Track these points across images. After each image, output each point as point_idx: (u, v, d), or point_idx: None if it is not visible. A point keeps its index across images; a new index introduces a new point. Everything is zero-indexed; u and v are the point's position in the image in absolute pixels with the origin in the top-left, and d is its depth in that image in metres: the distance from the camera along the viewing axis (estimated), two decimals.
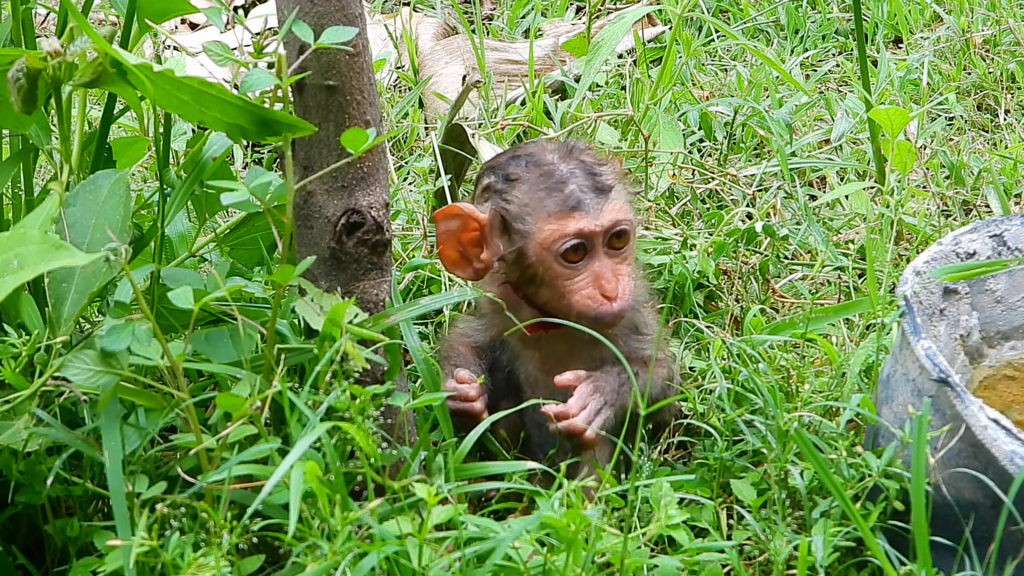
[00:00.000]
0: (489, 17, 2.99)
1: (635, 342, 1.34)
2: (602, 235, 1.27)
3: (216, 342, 1.09)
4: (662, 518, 1.08)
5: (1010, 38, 2.51)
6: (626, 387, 1.27)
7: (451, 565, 0.98)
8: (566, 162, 1.30)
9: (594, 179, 1.29)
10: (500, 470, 1.17)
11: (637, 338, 1.34)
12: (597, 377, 1.27)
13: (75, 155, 1.18)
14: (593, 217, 1.26)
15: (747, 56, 2.58)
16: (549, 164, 1.30)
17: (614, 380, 1.27)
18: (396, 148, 2.24)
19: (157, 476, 1.09)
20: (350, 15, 1.11)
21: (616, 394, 1.26)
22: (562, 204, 1.27)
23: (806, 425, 1.27)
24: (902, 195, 1.76)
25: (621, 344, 1.31)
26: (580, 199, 1.27)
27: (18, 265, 0.91)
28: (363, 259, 1.17)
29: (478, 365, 1.35)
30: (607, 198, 1.28)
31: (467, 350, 1.37)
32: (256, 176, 1.07)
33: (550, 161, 1.31)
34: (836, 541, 1.12)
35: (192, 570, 0.93)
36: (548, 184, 1.28)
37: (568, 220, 1.26)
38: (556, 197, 1.27)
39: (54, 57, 1.01)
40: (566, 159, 1.31)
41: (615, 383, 1.27)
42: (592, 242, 1.27)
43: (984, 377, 1.34)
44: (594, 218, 1.26)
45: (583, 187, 1.28)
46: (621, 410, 1.25)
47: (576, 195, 1.27)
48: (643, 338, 1.34)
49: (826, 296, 1.71)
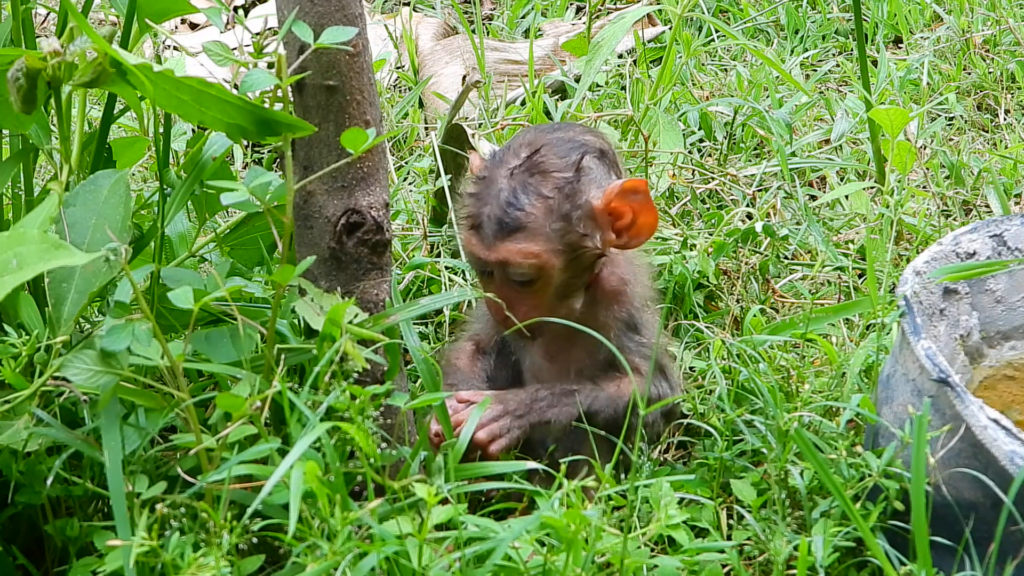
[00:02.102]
0: (489, 17, 2.99)
1: (628, 340, 1.31)
2: (496, 266, 1.24)
3: (216, 342, 1.09)
4: (662, 518, 1.08)
5: (1010, 38, 2.51)
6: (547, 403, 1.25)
7: (451, 565, 0.98)
8: (512, 178, 1.24)
9: (509, 211, 1.22)
10: (500, 470, 1.17)
11: (632, 336, 1.32)
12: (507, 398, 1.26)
13: (75, 155, 1.18)
14: (486, 248, 1.24)
15: (747, 56, 2.58)
16: (498, 170, 1.25)
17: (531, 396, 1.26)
18: (396, 148, 2.24)
19: (157, 476, 1.09)
20: (350, 15, 1.11)
21: (528, 409, 1.25)
22: (471, 220, 1.24)
23: (806, 425, 1.27)
24: (902, 195, 1.76)
25: (614, 337, 1.29)
26: (483, 225, 1.23)
27: (18, 265, 0.91)
28: (363, 259, 1.16)
29: (479, 379, 1.34)
30: (509, 236, 1.22)
31: (466, 363, 1.36)
32: (256, 176, 1.07)
33: (505, 166, 1.25)
34: (836, 541, 1.12)
35: (192, 570, 0.93)
36: (479, 192, 1.25)
37: (470, 237, 1.25)
38: (471, 209, 1.25)
39: (54, 57, 1.01)
40: (516, 175, 1.24)
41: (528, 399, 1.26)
42: (490, 268, 1.25)
43: (984, 377, 1.34)
44: (487, 249, 1.24)
45: (492, 216, 1.23)
46: (533, 426, 1.24)
47: (482, 218, 1.23)
48: (639, 338, 1.32)
49: (826, 296, 1.71)
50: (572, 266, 1.25)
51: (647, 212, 1.25)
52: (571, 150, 1.26)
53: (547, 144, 1.26)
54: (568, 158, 1.25)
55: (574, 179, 1.24)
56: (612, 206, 1.25)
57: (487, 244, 1.23)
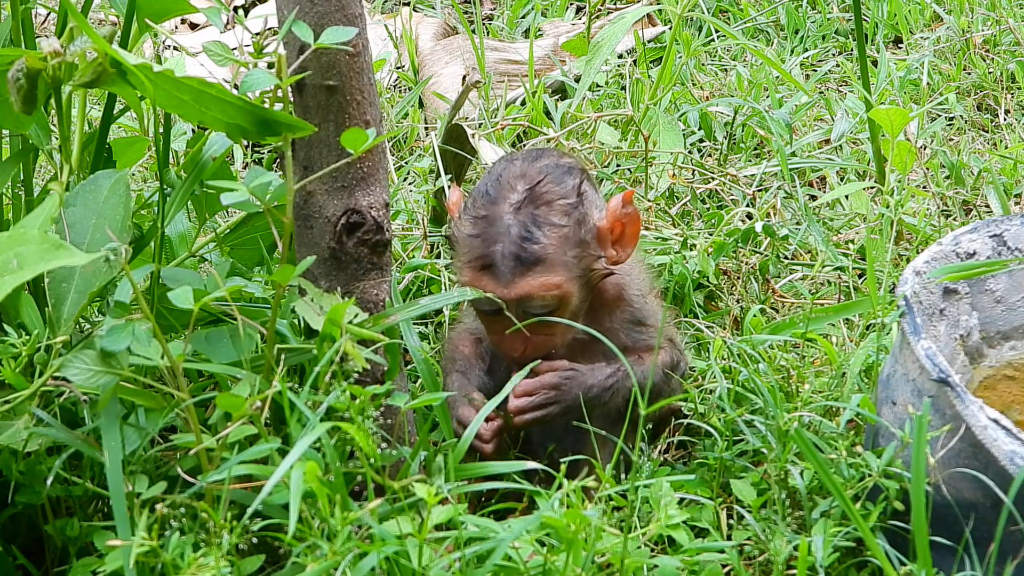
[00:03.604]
0: (489, 17, 2.99)
1: (638, 334, 1.33)
2: (514, 302, 1.24)
3: (216, 342, 1.09)
4: (662, 518, 1.08)
5: (1010, 38, 2.51)
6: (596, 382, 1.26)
7: (451, 565, 0.98)
8: (519, 212, 1.23)
9: (526, 245, 1.22)
10: (500, 470, 1.17)
11: (640, 330, 1.34)
12: (564, 373, 1.26)
13: (75, 155, 1.18)
14: (503, 286, 1.23)
15: (747, 56, 2.58)
16: (499, 207, 1.24)
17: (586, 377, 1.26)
18: (396, 148, 2.24)
19: (157, 476, 1.09)
20: (350, 15, 1.11)
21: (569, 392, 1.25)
22: (481, 260, 1.23)
23: (806, 425, 1.27)
24: (902, 195, 1.76)
25: (623, 338, 1.31)
26: (496, 264, 1.22)
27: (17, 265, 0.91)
28: (363, 259, 1.16)
29: (481, 369, 1.34)
30: (529, 271, 1.22)
31: (471, 350, 1.36)
32: (256, 176, 1.07)
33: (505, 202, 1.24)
34: (836, 541, 1.12)
35: (192, 570, 0.93)
36: (483, 232, 1.23)
37: (481, 277, 1.24)
38: (478, 250, 1.23)
39: (54, 57, 1.01)
40: (523, 209, 1.23)
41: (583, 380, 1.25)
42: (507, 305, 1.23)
43: (984, 377, 1.34)
44: (505, 287, 1.23)
45: (508, 253, 1.22)
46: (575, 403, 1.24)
47: (494, 258, 1.23)
48: (646, 329, 1.34)
49: (826, 296, 1.71)
50: (585, 288, 1.27)
51: (635, 221, 1.29)
52: (565, 175, 1.26)
53: (542, 174, 1.26)
54: (567, 184, 1.26)
55: (579, 204, 1.25)
56: (613, 221, 1.27)
57: (505, 282, 1.22)
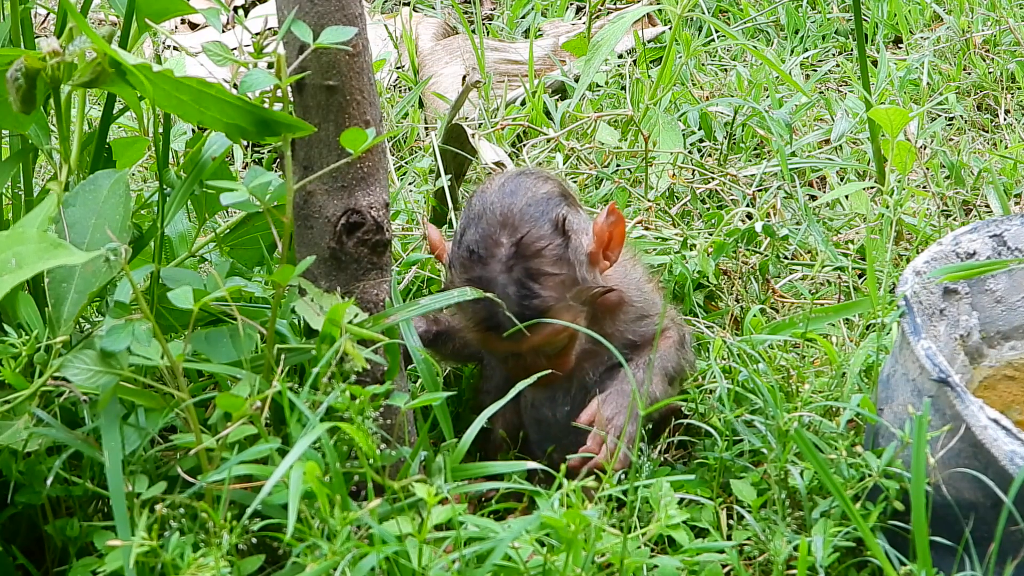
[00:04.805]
0: (489, 17, 2.99)
1: (643, 327, 1.34)
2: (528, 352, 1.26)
3: (216, 342, 1.09)
4: (662, 518, 1.08)
5: (1010, 38, 2.51)
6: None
7: (451, 565, 0.98)
8: (511, 272, 1.22)
9: (528, 303, 1.21)
10: (500, 470, 1.17)
11: (646, 322, 1.35)
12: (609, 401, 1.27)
13: (75, 155, 1.18)
14: (513, 342, 1.23)
15: (747, 56, 2.57)
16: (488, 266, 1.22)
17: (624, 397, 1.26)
18: (396, 148, 2.23)
19: (157, 476, 1.09)
20: (350, 15, 1.10)
21: (630, 409, 1.25)
22: (486, 323, 1.23)
23: (806, 425, 1.27)
24: (902, 195, 1.76)
25: (629, 335, 1.32)
26: (501, 325, 1.22)
27: (17, 264, 0.91)
28: (363, 259, 1.16)
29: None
30: (536, 325, 1.22)
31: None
32: (256, 176, 1.07)
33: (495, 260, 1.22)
34: (836, 541, 1.12)
35: (192, 570, 0.93)
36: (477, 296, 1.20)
37: (488, 336, 1.24)
38: (481, 314, 1.23)
39: (53, 57, 1.01)
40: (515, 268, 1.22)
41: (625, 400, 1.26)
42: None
43: (984, 377, 1.34)
44: (515, 343, 1.23)
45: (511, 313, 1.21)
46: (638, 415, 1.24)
47: (498, 319, 1.22)
48: (652, 320, 1.35)
49: (826, 296, 1.71)
50: (588, 310, 1.28)
51: (619, 224, 1.29)
52: (544, 214, 1.25)
53: (522, 220, 1.24)
54: (547, 225, 1.24)
55: (567, 244, 1.25)
56: (601, 239, 1.29)
57: (514, 339, 1.23)
